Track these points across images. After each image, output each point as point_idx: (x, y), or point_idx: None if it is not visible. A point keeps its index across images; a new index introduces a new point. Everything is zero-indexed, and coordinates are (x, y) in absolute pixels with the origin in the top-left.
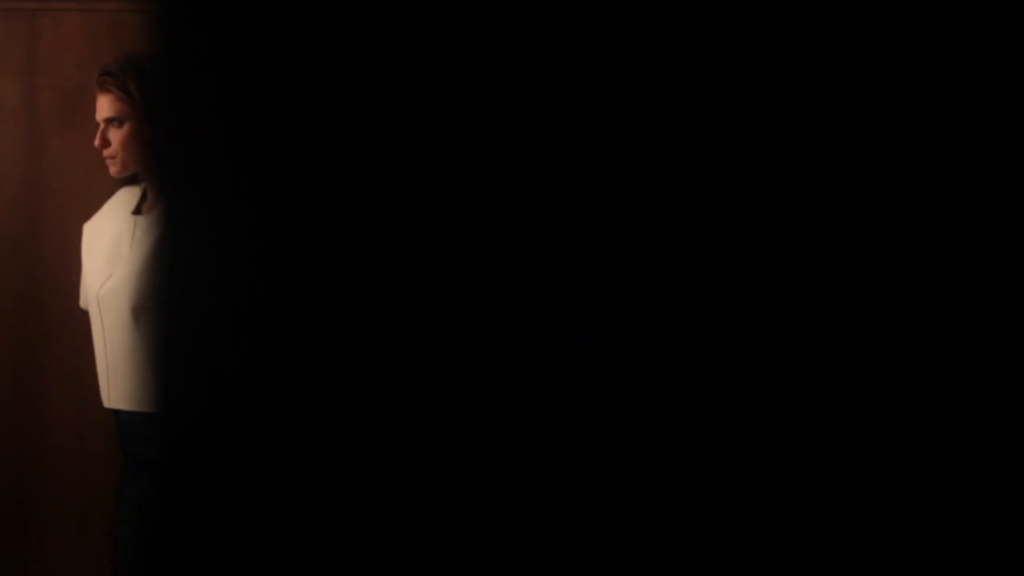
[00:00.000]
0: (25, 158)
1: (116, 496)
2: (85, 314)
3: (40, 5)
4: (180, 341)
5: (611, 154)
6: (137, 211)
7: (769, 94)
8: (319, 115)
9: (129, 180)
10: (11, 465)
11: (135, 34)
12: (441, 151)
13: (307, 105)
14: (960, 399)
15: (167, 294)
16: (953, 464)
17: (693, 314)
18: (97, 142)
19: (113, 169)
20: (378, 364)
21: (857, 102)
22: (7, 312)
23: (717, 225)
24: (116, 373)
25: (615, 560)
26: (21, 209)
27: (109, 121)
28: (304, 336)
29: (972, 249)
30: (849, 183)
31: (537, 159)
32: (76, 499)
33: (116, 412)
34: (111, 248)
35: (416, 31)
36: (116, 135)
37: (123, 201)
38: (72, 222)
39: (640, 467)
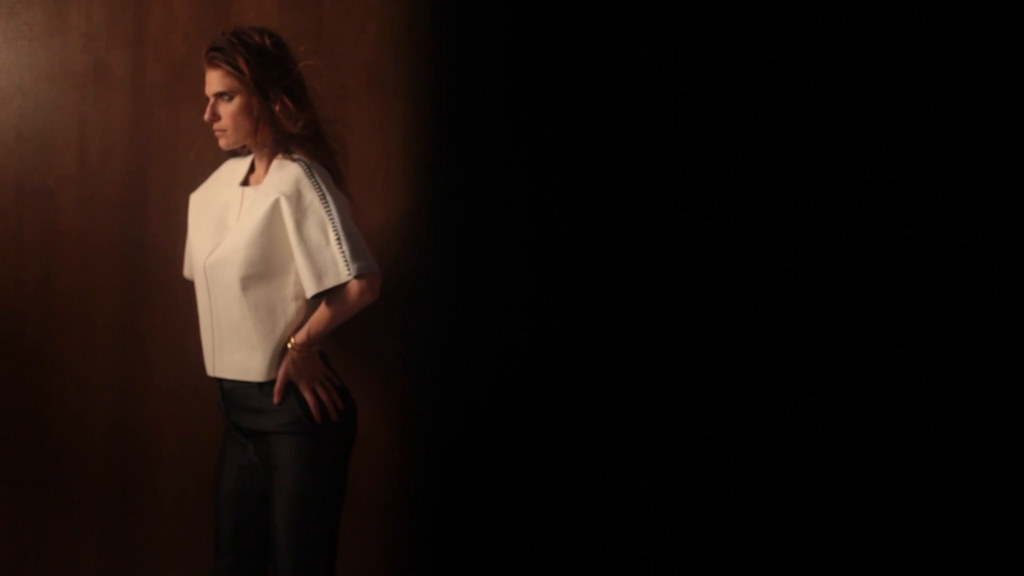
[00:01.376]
0: (132, 130)
1: (218, 463)
2: (189, 284)
3: None
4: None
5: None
6: (245, 182)
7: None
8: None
9: (235, 151)
10: (115, 431)
11: (241, 7)
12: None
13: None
14: (961, 399)
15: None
16: (954, 464)
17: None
18: (207, 116)
19: (223, 142)
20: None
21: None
22: (113, 281)
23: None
24: (221, 343)
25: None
26: (128, 180)
27: (219, 95)
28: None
29: (972, 252)
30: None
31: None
32: (176, 465)
33: (220, 381)
34: (218, 219)
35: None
36: (226, 109)
37: (230, 172)
38: (177, 193)
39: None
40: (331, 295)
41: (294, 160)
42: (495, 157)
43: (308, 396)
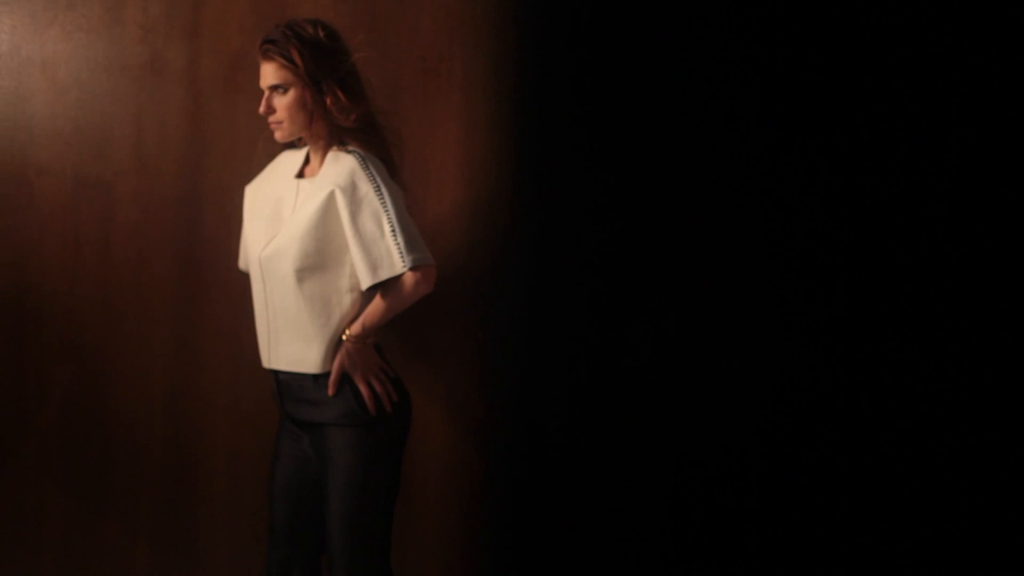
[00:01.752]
0: (188, 121)
1: (273, 454)
2: (243, 275)
3: None
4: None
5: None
6: (300, 174)
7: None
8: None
9: (291, 143)
10: (169, 423)
11: (296, 0)
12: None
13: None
14: (960, 399)
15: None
16: (953, 464)
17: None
18: (262, 109)
19: (278, 135)
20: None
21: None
22: (169, 273)
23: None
24: (277, 334)
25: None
26: (183, 172)
27: (273, 88)
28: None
29: (972, 249)
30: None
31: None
32: (231, 456)
33: (276, 373)
34: (273, 211)
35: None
36: (281, 102)
37: (285, 164)
38: (232, 185)
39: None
40: (386, 287)
41: (349, 152)
42: (550, 149)
43: (363, 388)
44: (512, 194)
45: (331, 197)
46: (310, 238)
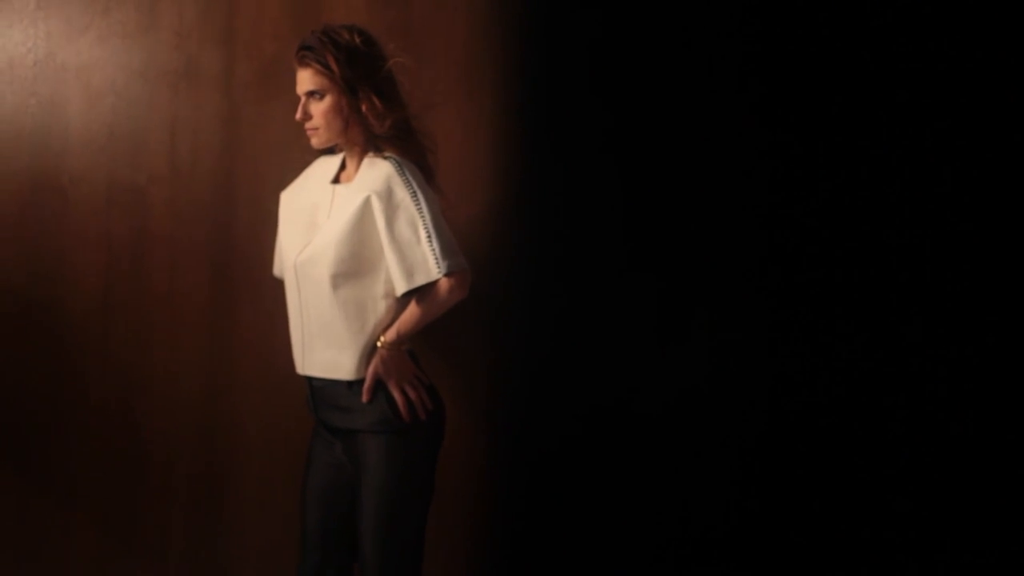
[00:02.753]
0: (222, 127)
1: (306, 461)
2: (277, 282)
3: None
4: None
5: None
6: (335, 180)
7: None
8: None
9: (326, 150)
10: (201, 428)
11: (330, 4)
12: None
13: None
14: (960, 399)
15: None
16: (953, 464)
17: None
18: (299, 115)
19: (315, 141)
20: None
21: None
22: (201, 278)
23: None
24: (311, 340)
25: None
26: (217, 178)
27: (310, 94)
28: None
29: (972, 249)
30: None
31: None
32: (264, 463)
33: (310, 379)
34: (308, 217)
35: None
36: (317, 108)
37: (321, 170)
38: (266, 192)
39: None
40: (421, 293)
41: (385, 158)
42: (584, 155)
43: (397, 395)
44: (547, 199)
45: (367, 203)
46: (345, 244)
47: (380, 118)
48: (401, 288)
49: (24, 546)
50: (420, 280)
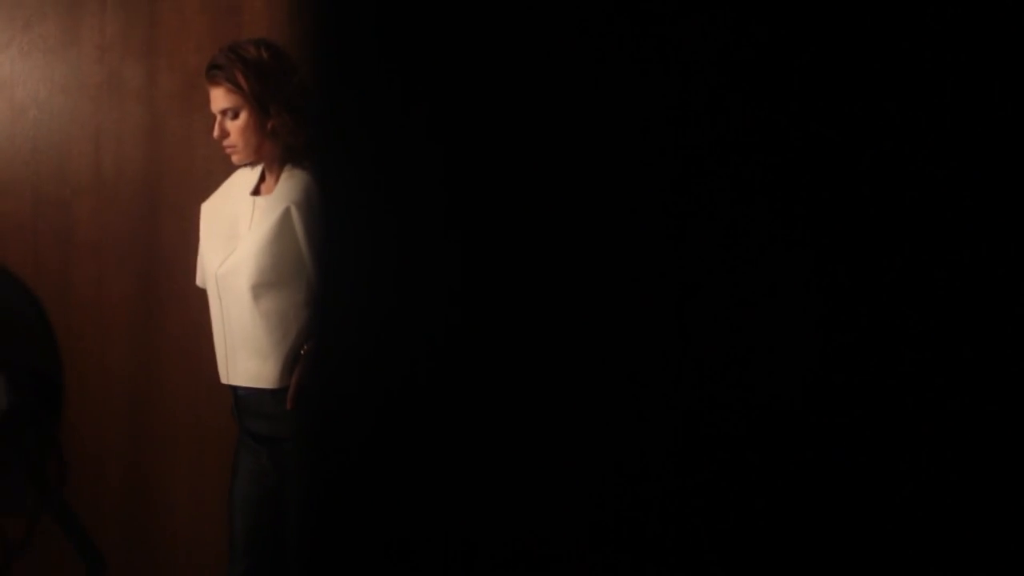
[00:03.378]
0: (146, 139)
1: (232, 469)
2: (202, 292)
3: None
4: (333, 328)
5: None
6: (256, 192)
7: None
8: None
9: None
10: (129, 439)
11: (253, 16)
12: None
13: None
14: (960, 399)
15: (324, 285)
16: (953, 464)
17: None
18: (216, 133)
19: (235, 158)
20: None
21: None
22: (127, 290)
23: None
24: (235, 350)
25: None
26: (142, 189)
27: (224, 112)
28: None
29: (972, 249)
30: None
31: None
32: (191, 471)
33: (234, 388)
34: (229, 228)
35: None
36: (233, 126)
37: (241, 182)
38: (191, 203)
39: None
40: None
41: (304, 168)
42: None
43: None
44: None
45: (287, 214)
46: (266, 255)
47: (293, 134)
48: None
49: None
50: None
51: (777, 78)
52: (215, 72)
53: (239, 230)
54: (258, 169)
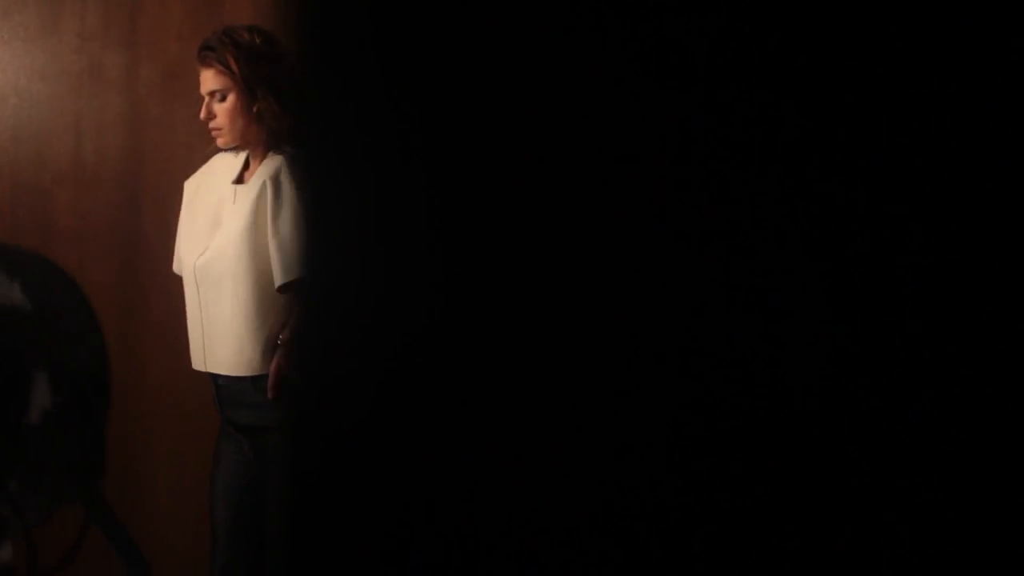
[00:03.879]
0: (126, 128)
1: (214, 459)
2: (181, 279)
3: None
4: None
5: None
6: (238, 180)
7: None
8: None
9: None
10: (112, 428)
11: (235, 5)
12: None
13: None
14: (960, 399)
15: (312, 270)
16: (953, 464)
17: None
18: (203, 115)
19: (220, 141)
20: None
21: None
22: (108, 278)
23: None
24: (213, 338)
25: None
26: (122, 179)
27: (213, 94)
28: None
29: (972, 249)
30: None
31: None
32: (172, 461)
33: (214, 378)
34: (211, 217)
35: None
36: (221, 108)
37: (225, 167)
38: (172, 190)
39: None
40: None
41: (281, 152)
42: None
43: None
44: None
45: (262, 192)
46: (244, 241)
47: (278, 119)
48: (278, 281)
49: None
50: (295, 274)
51: (777, 78)
52: (207, 53)
53: (220, 219)
54: (242, 156)
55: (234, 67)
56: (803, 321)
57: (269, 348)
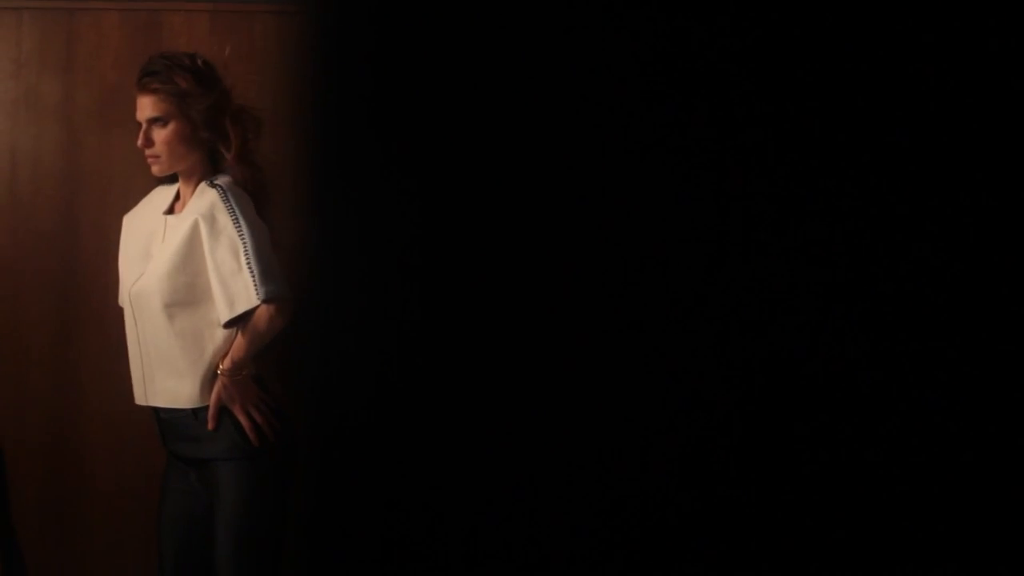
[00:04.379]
0: (63, 156)
1: (161, 490)
2: (120, 312)
3: (78, 5)
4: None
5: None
6: (169, 211)
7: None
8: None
9: (166, 179)
10: (51, 461)
11: (172, 32)
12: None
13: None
14: (960, 399)
15: (313, 290)
16: (953, 464)
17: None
18: (140, 142)
19: (156, 168)
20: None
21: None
22: (46, 309)
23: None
24: (152, 371)
25: None
26: (59, 207)
27: (152, 121)
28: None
29: (972, 249)
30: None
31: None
32: (115, 493)
33: (156, 411)
34: (143, 246)
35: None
36: (160, 135)
37: (157, 199)
38: (110, 219)
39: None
40: (245, 321)
41: (213, 186)
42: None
43: (243, 419)
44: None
45: (195, 229)
46: (177, 273)
47: (227, 143)
48: (224, 317)
49: None
50: (241, 308)
51: (779, 78)
52: (149, 79)
53: (152, 249)
54: (174, 188)
55: (178, 90)
56: (803, 321)
57: (208, 380)
